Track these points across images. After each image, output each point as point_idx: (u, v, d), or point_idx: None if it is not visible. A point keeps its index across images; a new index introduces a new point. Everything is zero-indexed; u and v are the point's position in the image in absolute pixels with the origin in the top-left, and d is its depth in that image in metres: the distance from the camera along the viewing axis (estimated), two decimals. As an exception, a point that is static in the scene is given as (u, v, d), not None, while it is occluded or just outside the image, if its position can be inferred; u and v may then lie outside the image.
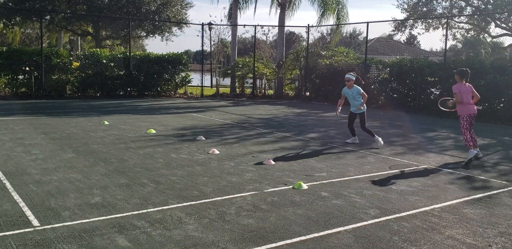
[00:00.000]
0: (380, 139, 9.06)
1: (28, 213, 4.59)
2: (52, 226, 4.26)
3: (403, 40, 50.13)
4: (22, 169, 6.44)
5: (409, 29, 37.00)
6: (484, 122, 13.80)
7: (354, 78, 9.25)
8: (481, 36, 38.78)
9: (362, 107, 9.12)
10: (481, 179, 6.60)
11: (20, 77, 18.30)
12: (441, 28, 33.93)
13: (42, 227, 4.21)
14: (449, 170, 7.13)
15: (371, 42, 35.55)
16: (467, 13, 33.17)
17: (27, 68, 18.09)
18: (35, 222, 4.33)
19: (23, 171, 6.30)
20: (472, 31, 37.36)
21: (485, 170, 7.23)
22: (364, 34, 19.94)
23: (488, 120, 14.05)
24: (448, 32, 22.38)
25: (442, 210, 5.07)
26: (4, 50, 17.92)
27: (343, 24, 23.13)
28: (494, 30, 34.44)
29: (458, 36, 39.67)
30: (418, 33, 57.87)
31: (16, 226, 4.22)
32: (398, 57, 18.26)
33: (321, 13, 22.77)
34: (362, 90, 9.15)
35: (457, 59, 16.54)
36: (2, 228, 4.15)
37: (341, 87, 20.80)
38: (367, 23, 18.04)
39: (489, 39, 39.99)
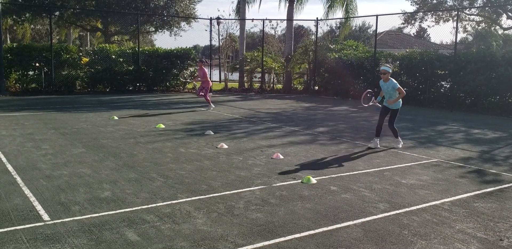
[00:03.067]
0: (401, 142, 8.45)
1: (39, 207, 4.62)
2: (62, 220, 4.29)
3: (413, 33, 49.68)
4: (32, 164, 6.49)
5: (419, 22, 36.67)
6: (495, 116, 13.66)
7: (390, 71, 8.32)
8: (492, 28, 38.27)
9: (395, 103, 8.29)
10: (492, 173, 6.53)
11: (30, 73, 18.44)
12: (451, 20, 33.58)
13: (52, 222, 4.25)
14: (460, 164, 7.06)
15: (380, 36, 35.24)
16: (478, 5, 32.75)
17: (37, 64, 18.22)
18: (46, 217, 4.37)
19: (34, 166, 6.35)
20: (483, 23, 36.90)
21: (496, 163, 7.16)
22: (374, 28, 19.79)
23: (499, 113, 13.90)
24: (459, 24, 22.13)
25: (453, 204, 5.03)
26: (14, 46, 18.07)
27: (352, 17, 22.95)
28: (505, 22, 34.03)
29: (469, 28, 39.20)
30: (428, 26, 57.26)
31: (27, 221, 4.25)
32: (407, 50, 18.10)
33: (328, 5, 22.62)
34: (399, 85, 8.23)
35: (468, 52, 16.35)
36: (13, 223, 4.19)
37: (350, 81, 20.69)
38: (377, 16, 17.89)
39: (500, 32, 39.45)
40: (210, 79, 15.06)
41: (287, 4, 22.64)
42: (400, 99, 8.34)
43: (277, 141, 8.71)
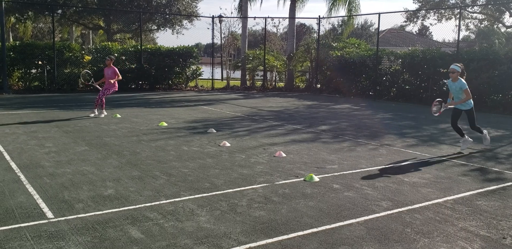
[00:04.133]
0: (487, 137, 8.25)
1: (43, 205, 4.65)
2: (66, 218, 4.31)
3: (415, 31, 49.61)
4: (36, 161, 6.52)
5: (421, 20, 36.59)
6: (498, 114, 13.64)
7: (460, 70, 7.85)
8: (495, 26, 38.17)
9: (462, 104, 7.98)
10: (495, 171, 6.53)
11: (33, 71, 18.47)
12: (454, 18, 33.49)
13: (56, 219, 4.27)
14: (462, 162, 7.06)
15: (383, 34, 35.19)
16: (480, 2, 32.65)
17: (40, 62, 18.26)
18: (49, 214, 4.39)
19: (37, 164, 6.37)
20: (486, 21, 36.81)
21: (499, 161, 7.16)
22: (376, 26, 19.74)
23: (502, 111, 13.88)
24: (461, 22, 22.07)
25: (455, 202, 5.03)
26: (17, 44, 18.09)
27: (354, 15, 22.91)
28: (508, 20, 33.99)
29: (471, 26, 39.14)
30: (431, 24, 57.16)
31: (31, 218, 4.27)
32: (410, 48, 18.08)
33: (331, 3, 22.59)
34: (466, 87, 7.84)
35: (470, 50, 16.31)
36: (18, 220, 4.21)
37: (352, 79, 20.70)
38: (379, 14, 17.86)
39: (503, 29, 39.35)
40: (212, 78, 14.77)
41: (289, 2, 22.62)
42: (471, 100, 7.98)
43: (280, 139, 8.72)
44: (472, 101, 8.03)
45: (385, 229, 4.20)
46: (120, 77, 11.95)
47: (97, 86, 12.15)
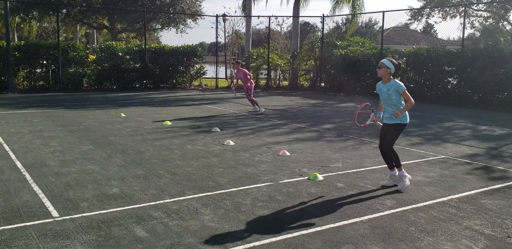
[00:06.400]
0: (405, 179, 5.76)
1: (48, 204, 4.67)
2: (71, 216, 4.33)
3: (420, 29, 49.39)
4: (41, 161, 6.55)
5: (426, 18, 36.46)
6: (503, 112, 13.58)
7: (391, 67, 5.55)
8: (500, 24, 37.97)
9: (394, 117, 5.51)
10: (499, 169, 6.51)
11: (38, 70, 18.54)
12: (458, 16, 33.32)
13: (61, 218, 4.29)
14: (467, 160, 7.04)
15: (387, 32, 35.08)
16: (485, 0, 32.49)
17: (45, 62, 18.32)
18: (55, 213, 4.41)
19: (42, 163, 6.41)
20: (491, 19, 36.60)
21: (504, 160, 7.13)
22: (380, 24, 19.68)
23: (508, 110, 13.81)
24: (466, 20, 21.93)
25: (460, 201, 5.02)
26: (22, 44, 18.15)
27: (358, 13, 22.85)
28: (513, 17, 33.70)
29: (476, 24, 38.93)
30: (435, 22, 56.92)
31: (36, 217, 4.30)
32: (414, 46, 18.01)
33: (335, 1, 22.54)
34: (404, 88, 5.47)
35: (475, 48, 16.24)
36: (23, 219, 4.24)
37: (356, 78, 20.61)
38: (383, 12, 17.80)
39: (508, 27, 39.13)
40: (216, 77, 14.99)
41: (293, 1, 22.59)
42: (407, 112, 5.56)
43: (284, 138, 8.72)
44: (407, 116, 5.58)
45: (389, 227, 4.20)
46: (251, 76, 13.06)
47: (234, 91, 14.57)
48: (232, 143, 8.03)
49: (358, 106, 5.85)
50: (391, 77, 5.49)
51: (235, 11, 29.77)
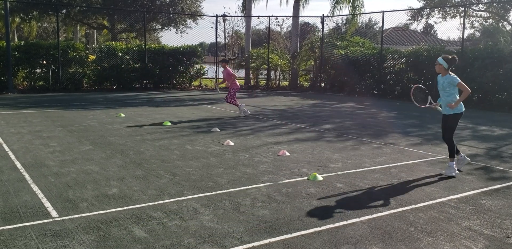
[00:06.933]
0: (455, 166, 6.24)
1: (47, 204, 4.67)
2: (70, 217, 4.33)
3: (420, 30, 49.38)
4: (40, 161, 6.55)
5: (426, 18, 36.42)
6: (503, 112, 13.58)
7: (444, 63, 6.12)
8: (500, 24, 37.98)
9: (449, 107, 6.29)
10: (499, 170, 6.50)
11: (38, 70, 18.54)
12: (458, 16, 33.30)
13: (61, 218, 4.29)
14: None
15: (387, 32, 35.07)
16: (485, 0, 32.49)
17: (44, 62, 18.32)
18: (54, 213, 4.41)
19: (42, 163, 6.40)
20: (491, 19, 36.60)
21: (504, 160, 7.13)
22: (380, 24, 19.68)
23: (507, 110, 13.82)
24: (466, 20, 21.93)
25: (459, 201, 5.02)
26: (22, 44, 18.15)
27: (358, 13, 22.85)
28: (513, 18, 33.70)
29: (476, 24, 38.92)
30: (435, 22, 56.88)
31: (36, 217, 4.30)
32: (414, 47, 18.01)
33: (334, 1, 22.54)
34: (459, 80, 6.12)
35: (475, 48, 16.24)
36: (22, 219, 4.24)
37: (356, 78, 20.66)
38: (383, 12, 17.81)
39: (508, 28, 39.14)
40: (216, 77, 14.77)
41: (292, 1, 22.59)
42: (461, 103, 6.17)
43: (283, 138, 8.72)
44: (460, 106, 6.24)
45: (388, 228, 4.19)
46: (235, 76, 12.33)
47: (218, 89, 13.11)
48: (231, 143, 8.03)
49: (359, 106, 6.04)
50: (449, 72, 6.16)
51: (235, 11, 29.86)
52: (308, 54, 21.63)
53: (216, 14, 22.76)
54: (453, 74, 6.15)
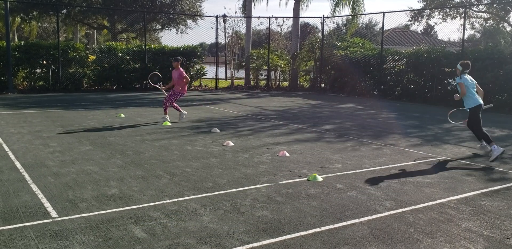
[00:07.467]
0: (488, 147, 7.46)
1: (47, 204, 4.67)
2: (70, 217, 4.33)
3: (420, 31, 49.38)
4: (40, 161, 6.55)
5: (426, 19, 36.45)
6: (503, 114, 13.58)
7: (459, 67, 7.65)
8: (500, 25, 38.00)
9: (465, 102, 7.87)
10: (499, 171, 6.50)
11: (38, 71, 18.54)
12: (459, 17, 33.34)
13: (60, 218, 4.29)
14: (466, 162, 7.04)
15: (387, 33, 35.07)
16: (486, 1, 32.50)
17: (45, 62, 18.31)
18: (54, 213, 4.41)
19: (42, 163, 6.40)
20: (491, 21, 36.64)
21: (504, 161, 7.13)
22: (380, 25, 19.71)
23: (508, 111, 13.82)
24: (466, 21, 21.95)
25: (459, 202, 5.02)
26: (22, 44, 18.15)
27: (358, 14, 22.87)
28: (514, 19, 33.73)
29: (477, 25, 38.98)
30: (435, 23, 56.80)
31: (35, 217, 4.30)
32: (414, 47, 18.02)
33: (335, 2, 22.56)
34: (459, 81, 7.64)
35: (476, 49, 16.24)
36: (22, 219, 4.24)
37: (356, 79, 20.69)
38: (383, 13, 17.82)
39: (508, 29, 39.17)
40: (216, 77, 14.46)
41: (293, 1, 22.60)
42: (474, 97, 7.60)
43: (283, 139, 8.71)
44: (474, 101, 7.57)
45: (388, 229, 4.19)
46: (188, 80, 11.05)
47: (164, 91, 11.42)
48: (231, 144, 8.03)
49: (359, 107, 6.15)
50: (465, 74, 7.55)
51: (235, 12, 29.86)
52: (308, 54, 21.64)
53: (217, 15, 22.78)
54: (464, 76, 7.51)
